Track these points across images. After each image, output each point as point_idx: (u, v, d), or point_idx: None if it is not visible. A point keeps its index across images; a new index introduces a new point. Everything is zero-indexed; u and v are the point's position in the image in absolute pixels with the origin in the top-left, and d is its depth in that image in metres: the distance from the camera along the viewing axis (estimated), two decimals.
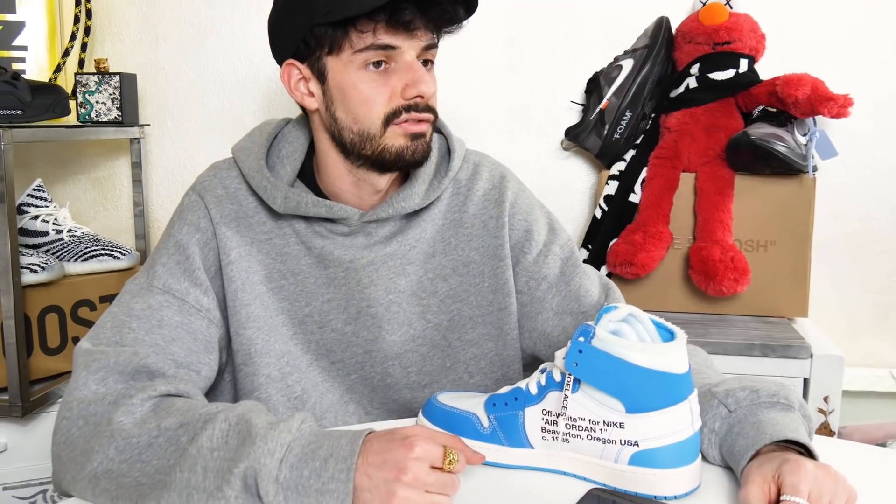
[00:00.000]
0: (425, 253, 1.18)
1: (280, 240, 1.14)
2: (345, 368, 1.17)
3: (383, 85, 1.05)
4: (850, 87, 1.72)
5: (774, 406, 0.91)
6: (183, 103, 2.05)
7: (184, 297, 1.08)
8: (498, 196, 1.21)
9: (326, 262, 1.14)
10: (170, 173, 2.07)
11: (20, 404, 1.53)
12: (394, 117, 1.06)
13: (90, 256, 1.74)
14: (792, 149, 1.66)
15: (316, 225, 1.14)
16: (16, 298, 1.50)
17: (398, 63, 1.05)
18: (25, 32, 1.81)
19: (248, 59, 2.02)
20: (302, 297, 1.14)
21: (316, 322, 1.15)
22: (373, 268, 1.15)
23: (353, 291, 1.14)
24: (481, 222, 1.20)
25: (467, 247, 1.19)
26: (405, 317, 1.16)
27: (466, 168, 1.23)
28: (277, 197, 1.11)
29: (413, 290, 1.17)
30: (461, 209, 1.20)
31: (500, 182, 1.22)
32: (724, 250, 1.69)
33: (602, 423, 0.86)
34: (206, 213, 1.13)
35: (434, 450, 0.83)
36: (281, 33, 1.10)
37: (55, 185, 2.08)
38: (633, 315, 0.88)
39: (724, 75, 1.77)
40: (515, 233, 1.20)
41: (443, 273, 1.18)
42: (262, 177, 1.12)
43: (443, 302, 1.18)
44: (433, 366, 1.18)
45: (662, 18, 1.85)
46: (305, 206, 1.10)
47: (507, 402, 0.94)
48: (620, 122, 1.83)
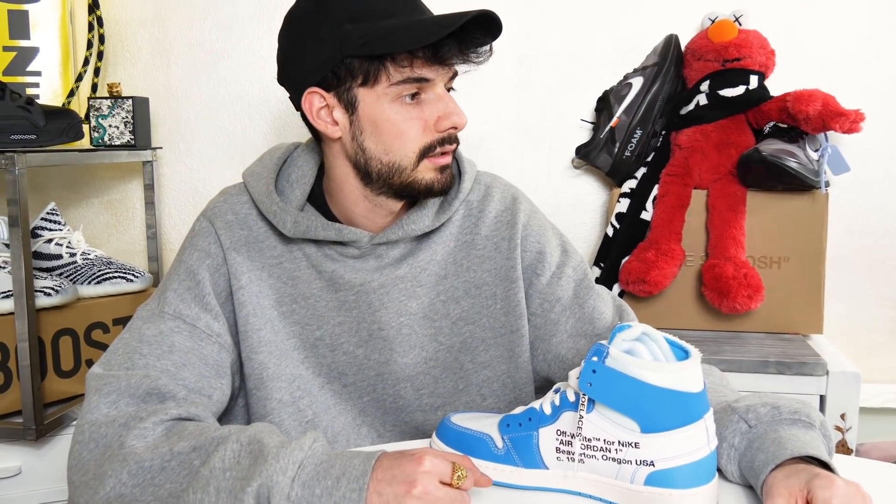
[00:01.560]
0: (437, 275, 1.17)
1: (290, 264, 1.14)
2: (357, 391, 1.16)
3: (417, 118, 1.06)
4: (862, 103, 1.71)
5: (795, 423, 0.91)
6: (195, 126, 2.06)
7: (194, 322, 1.08)
8: (510, 218, 1.20)
9: (337, 286, 1.14)
10: (182, 195, 2.08)
11: (34, 427, 1.53)
12: (428, 151, 1.07)
13: (103, 279, 1.74)
14: (804, 165, 1.66)
15: (326, 248, 1.14)
16: (30, 321, 1.50)
17: (429, 94, 1.06)
18: (39, 58, 1.83)
19: (258, 81, 2.03)
20: (313, 320, 1.14)
21: (328, 345, 1.15)
22: (384, 290, 1.14)
23: (365, 314, 1.14)
24: (493, 244, 1.19)
25: (479, 269, 1.19)
26: (417, 339, 1.16)
27: (478, 190, 1.23)
28: (287, 221, 1.11)
29: (425, 312, 1.16)
30: (473, 231, 1.20)
31: (511, 203, 1.22)
32: (738, 267, 1.68)
33: (617, 443, 0.85)
34: (217, 238, 1.14)
35: (443, 465, 0.83)
36: (299, 61, 1.09)
37: (69, 208, 2.09)
38: (647, 334, 0.87)
39: (735, 92, 1.76)
40: (528, 255, 1.20)
41: (454, 295, 1.18)
42: (272, 202, 1.12)
43: (455, 324, 1.17)
44: (446, 388, 1.18)
45: (672, 36, 1.86)
46: (315, 231, 1.11)
47: (521, 423, 0.93)
48: (631, 140, 1.83)
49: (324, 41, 1.05)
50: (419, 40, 0.99)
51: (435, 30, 0.99)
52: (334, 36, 1.04)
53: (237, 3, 2.00)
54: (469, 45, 1.04)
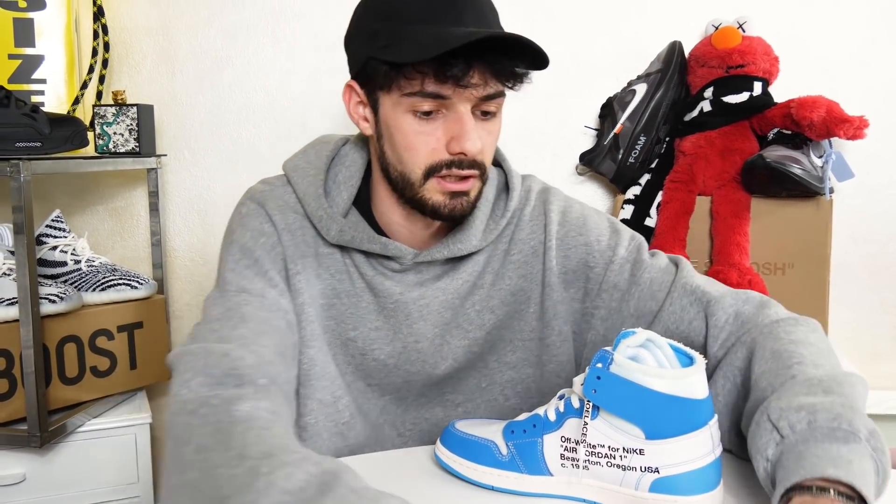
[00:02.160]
0: (474, 285, 1.15)
1: (339, 256, 1.11)
2: (380, 391, 1.15)
3: (429, 134, 1.01)
4: (866, 109, 1.71)
5: (832, 434, 0.76)
6: (199, 133, 2.06)
7: (262, 294, 1.03)
8: (543, 220, 1.16)
9: (377, 292, 1.12)
10: (187, 202, 2.08)
11: (38, 434, 1.54)
12: (435, 171, 1.02)
13: (108, 286, 1.75)
14: (808, 171, 1.66)
15: (371, 257, 1.11)
16: (34, 328, 1.51)
17: (450, 112, 1.00)
18: (44, 66, 1.84)
19: (263, 89, 2.04)
20: (351, 319, 1.12)
21: (359, 348, 1.12)
22: (423, 302, 1.12)
23: (402, 325, 1.12)
24: (530, 248, 1.16)
25: (515, 275, 1.15)
26: (450, 350, 1.14)
27: (520, 198, 1.19)
28: (332, 229, 1.08)
29: (459, 322, 1.14)
30: (511, 238, 1.16)
31: (542, 205, 1.17)
32: (742, 273, 1.68)
33: (622, 449, 0.85)
34: (269, 219, 1.09)
35: None
36: (348, 50, 1.07)
37: (73, 215, 2.10)
38: (652, 340, 0.87)
39: (738, 98, 1.77)
40: (574, 252, 1.14)
41: (490, 305, 1.15)
42: (319, 206, 1.09)
43: (489, 333, 1.15)
44: (468, 385, 1.16)
45: (675, 43, 1.86)
46: (359, 242, 1.08)
47: (525, 430, 0.93)
48: (635, 147, 1.83)
49: (361, 35, 1.03)
50: (421, 54, 0.94)
51: (435, 47, 0.93)
52: (366, 32, 1.02)
53: (242, 11, 2.01)
54: (493, 69, 0.98)
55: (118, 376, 1.75)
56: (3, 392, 1.57)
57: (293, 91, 2.03)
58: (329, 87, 2.02)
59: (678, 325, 1.06)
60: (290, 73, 2.02)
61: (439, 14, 0.96)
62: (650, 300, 1.09)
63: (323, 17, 1.98)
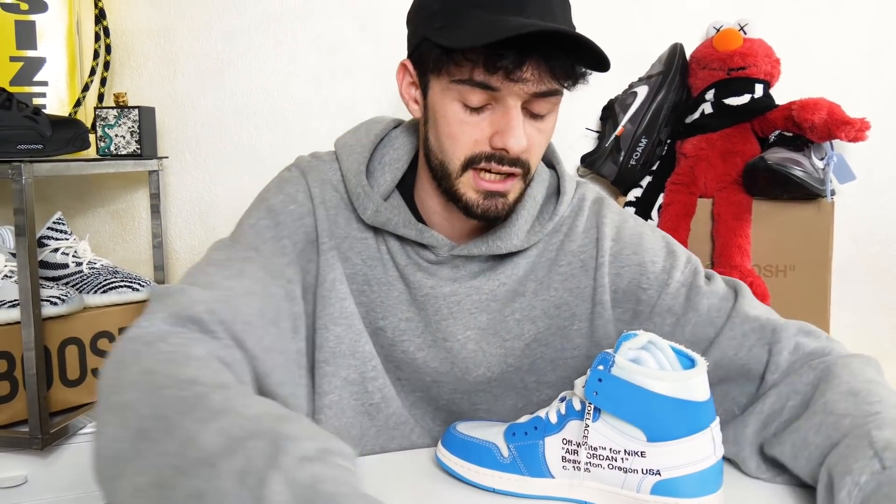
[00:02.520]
0: (515, 292, 1.10)
1: (373, 241, 1.09)
2: (410, 385, 1.13)
3: (475, 125, 0.97)
4: (867, 111, 1.71)
5: None
6: (201, 136, 2.07)
7: (269, 258, 1.02)
8: (596, 234, 1.10)
9: (409, 281, 1.09)
10: (188, 204, 2.09)
11: (40, 437, 1.53)
12: (474, 162, 0.98)
13: (109, 288, 1.75)
14: (809, 173, 1.66)
15: (406, 245, 1.09)
16: (36, 330, 1.51)
17: (499, 106, 0.96)
18: (46, 68, 1.84)
19: (265, 91, 2.04)
20: (380, 308, 1.09)
21: (388, 338, 1.10)
22: (455, 299, 1.08)
23: (432, 319, 1.09)
24: (580, 261, 1.10)
25: (561, 287, 1.10)
26: (484, 357, 1.10)
27: (572, 205, 1.14)
28: (368, 208, 1.05)
29: (496, 329, 1.10)
30: (559, 248, 1.11)
31: (596, 218, 1.12)
32: (743, 276, 1.68)
33: (623, 451, 0.85)
34: (307, 189, 1.07)
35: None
36: (408, 28, 1.03)
37: (75, 217, 2.10)
38: (653, 342, 0.87)
39: (740, 101, 1.77)
40: (627, 271, 1.08)
41: (531, 315, 1.10)
42: (359, 183, 1.06)
43: (528, 346, 1.10)
44: (504, 406, 1.13)
45: (676, 45, 1.86)
46: (395, 225, 1.05)
47: (526, 432, 0.93)
48: (636, 149, 1.83)
49: (420, 13, 1.00)
50: (471, 40, 0.89)
51: (486, 35, 0.88)
52: (425, 11, 0.98)
53: (243, 13, 2.01)
54: (546, 64, 0.93)
55: None
56: (5, 394, 1.57)
57: (295, 93, 2.03)
58: (330, 89, 2.02)
59: (737, 351, 1.01)
60: (291, 76, 2.02)
61: (501, 1, 0.92)
62: (708, 326, 1.04)
63: (324, 19, 1.99)
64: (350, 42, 2.00)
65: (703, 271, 1.10)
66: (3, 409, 1.57)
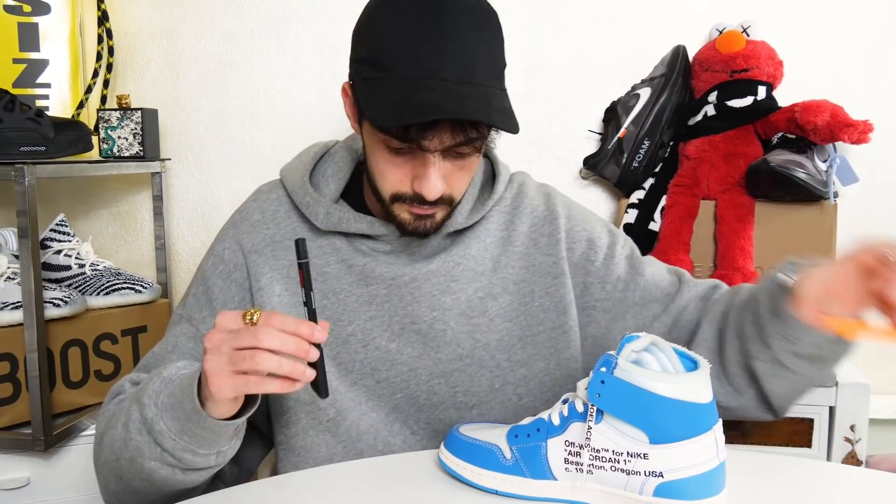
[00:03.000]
0: (473, 271, 1.17)
1: (320, 259, 1.15)
2: (390, 387, 1.15)
3: (398, 167, 1.03)
4: (870, 113, 1.71)
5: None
6: (203, 137, 2.07)
7: (198, 326, 1.13)
8: (548, 213, 1.21)
9: (368, 280, 1.14)
10: (190, 206, 2.09)
11: (42, 438, 1.54)
12: (399, 199, 1.06)
13: (112, 290, 1.75)
14: (812, 175, 1.66)
15: (357, 242, 1.15)
16: (39, 332, 1.51)
17: (418, 152, 1.01)
18: (49, 70, 1.84)
19: (267, 93, 2.04)
20: (344, 316, 1.14)
21: (360, 341, 1.14)
22: (415, 284, 1.14)
23: (396, 308, 1.14)
24: (532, 240, 1.20)
25: (517, 265, 1.18)
26: (453, 335, 1.15)
27: (511, 188, 1.24)
28: (320, 213, 1.13)
29: (462, 308, 1.15)
30: (509, 227, 1.20)
31: (547, 199, 1.23)
32: (746, 278, 1.67)
33: (626, 453, 0.85)
34: (236, 242, 1.16)
35: (231, 314, 0.88)
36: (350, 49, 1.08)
37: (77, 219, 2.10)
38: (656, 344, 0.87)
39: (743, 103, 1.76)
40: (578, 245, 1.20)
41: (492, 292, 1.17)
42: (305, 192, 1.14)
43: (492, 321, 1.16)
44: (481, 387, 1.16)
45: (679, 47, 1.86)
46: (347, 223, 1.12)
47: (529, 434, 0.93)
48: (639, 151, 1.83)
49: (354, 51, 1.05)
50: (381, 119, 0.97)
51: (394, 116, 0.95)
52: (357, 52, 1.04)
53: (245, 15, 2.01)
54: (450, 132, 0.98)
55: None
56: (8, 396, 1.57)
57: (297, 95, 2.03)
58: (333, 91, 2.02)
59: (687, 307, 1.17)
60: (293, 78, 2.03)
61: (418, 58, 0.96)
62: (655, 289, 1.18)
63: (327, 21, 1.99)
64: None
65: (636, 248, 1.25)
66: (5, 411, 1.57)
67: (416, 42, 0.96)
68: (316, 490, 0.97)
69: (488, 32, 1.01)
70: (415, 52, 0.96)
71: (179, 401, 0.91)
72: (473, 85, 0.98)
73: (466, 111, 0.95)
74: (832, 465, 1.16)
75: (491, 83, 1.01)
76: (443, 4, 0.97)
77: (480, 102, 0.96)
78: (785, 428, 1.58)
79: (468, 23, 0.98)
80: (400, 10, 0.98)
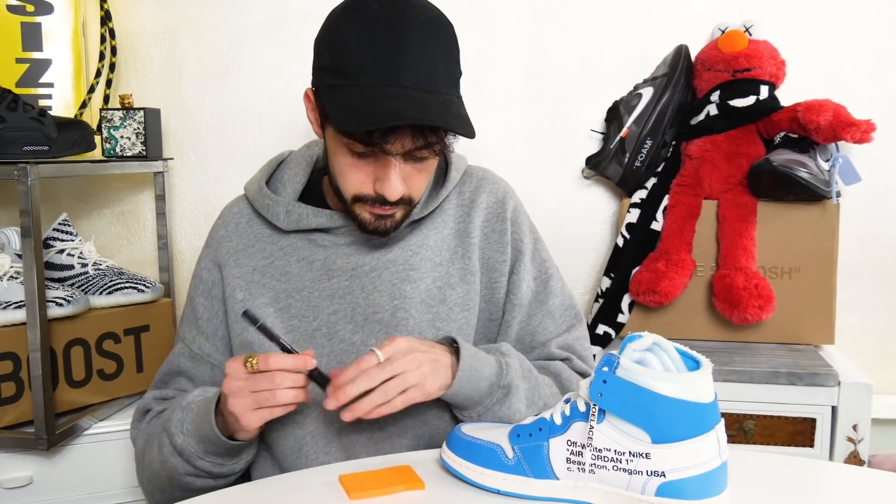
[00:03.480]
0: (432, 261, 1.21)
1: (281, 261, 1.20)
2: None
3: (360, 169, 1.09)
4: (872, 113, 1.71)
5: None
6: (206, 137, 2.07)
7: (190, 345, 1.24)
8: (500, 211, 1.26)
9: (330, 273, 1.18)
10: (193, 206, 2.09)
11: (45, 437, 1.54)
12: (361, 200, 1.11)
13: (115, 289, 1.75)
14: (815, 175, 1.66)
15: (318, 238, 1.20)
16: (42, 331, 1.51)
17: (380, 155, 1.06)
18: (52, 70, 1.84)
19: (269, 92, 2.04)
20: (309, 311, 1.18)
21: (325, 335, 1.18)
22: (375, 274, 1.19)
23: (358, 299, 1.18)
24: (484, 234, 1.25)
25: (473, 257, 1.23)
26: (415, 324, 1.18)
27: (470, 182, 1.28)
28: (280, 212, 1.19)
29: (422, 297, 1.19)
30: (466, 220, 1.25)
31: (503, 197, 1.27)
32: (748, 277, 1.67)
33: (628, 453, 0.85)
34: (210, 260, 1.25)
35: (237, 364, 1.01)
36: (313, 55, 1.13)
37: (80, 218, 2.10)
38: (658, 344, 0.87)
39: (745, 102, 1.76)
40: (511, 251, 1.25)
41: (450, 281, 1.21)
42: (264, 196, 1.20)
43: (451, 310, 1.21)
44: None
45: (682, 46, 1.86)
46: (307, 218, 1.17)
47: (531, 433, 0.93)
48: (641, 150, 1.83)
49: (318, 57, 1.10)
50: (343, 124, 1.01)
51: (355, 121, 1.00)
52: (320, 59, 1.09)
53: (248, 15, 2.02)
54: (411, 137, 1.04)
55: (125, 379, 1.75)
56: (11, 395, 1.58)
57: (299, 95, 2.03)
58: None
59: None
60: (296, 77, 2.03)
61: (381, 67, 1.01)
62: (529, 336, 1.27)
63: None
64: None
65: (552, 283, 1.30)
66: (8, 410, 1.58)
67: (378, 52, 1.01)
68: (317, 489, 0.97)
69: (446, 44, 1.07)
70: (377, 62, 1.01)
71: (201, 427, 1.05)
72: (433, 93, 1.03)
73: (427, 117, 1.00)
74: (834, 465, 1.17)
75: (449, 91, 1.06)
76: (405, 17, 1.02)
77: (439, 110, 1.02)
78: (787, 428, 1.58)
79: (428, 35, 1.03)
80: (363, 23, 1.02)
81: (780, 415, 1.58)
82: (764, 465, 1.03)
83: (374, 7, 1.03)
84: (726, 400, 1.57)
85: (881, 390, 1.86)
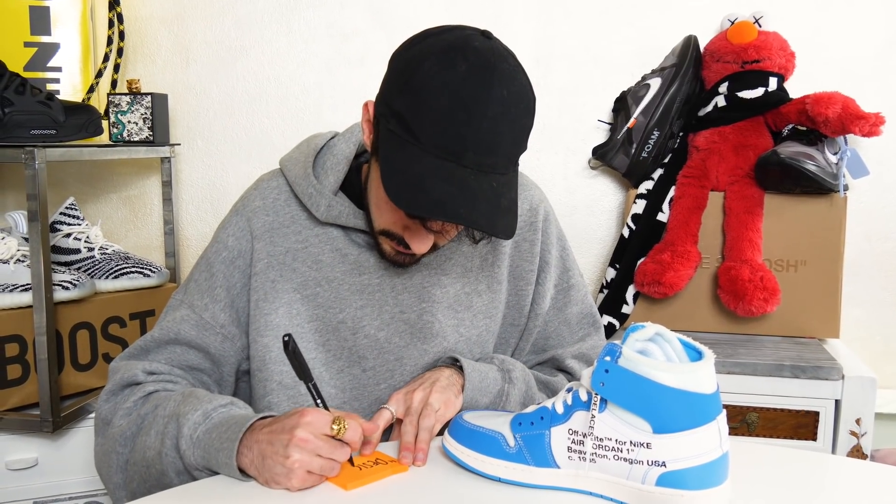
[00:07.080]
0: (463, 266, 1.21)
1: (316, 248, 1.17)
2: (375, 377, 1.17)
3: (395, 212, 1.04)
4: (882, 106, 1.70)
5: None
6: (213, 123, 2.07)
7: (202, 313, 1.15)
8: (533, 219, 1.25)
9: (361, 269, 1.17)
10: (199, 191, 2.09)
11: (51, 420, 1.55)
12: (387, 235, 1.08)
13: (121, 274, 1.76)
14: (822, 168, 1.65)
15: (353, 234, 1.17)
16: (48, 315, 1.52)
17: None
18: (60, 54, 1.84)
19: (276, 79, 2.04)
20: (336, 303, 1.16)
21: (349, 328, 1.16)
22: (407, 275, 1.18)
23: (387, 297, 1.17)
24: (515, 243, 1.25)
25: (502, 265, 1.23)
26: (440, 328, 1.18)
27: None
28: (321, 204, 1.14)
29: (449, 302, 1.20)
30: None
31: (536, 206, 1.26)
32: (754, 270, 1.67)
33: (629, 443, 0.85)
34: (239, 230, 1.17)
35: (322, 418, 0.93)
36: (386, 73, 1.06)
37: (87, 203, 2.11)
38: (661, 334, 0.87)
39: (753, 94, 1.76)
40: (539, 261, 1.26)
41: (478, 288, 1.22)
42: (309, 184, 1.15)
43: (475, 317, 1.21)
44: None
45: (691, 37, 1.85)
46: (346, 217, 1.14)
47: (533, 422, 0.93)
48: (648, 141, 1.82)
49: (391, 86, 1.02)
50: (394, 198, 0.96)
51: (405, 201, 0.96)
52: (391, 91, 1.01)
53: (256, 1, 2.01)
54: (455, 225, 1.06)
55: None
56: (17, 377, 1.59)
57: (307, 81, 2.03)
58: (342, 78, 2.02)
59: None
60: (303, 64, 2.03)
61: (448, 142, 0.95)
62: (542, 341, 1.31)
63: (337, 7, 1.99)
64: (362, 30, 2.00)
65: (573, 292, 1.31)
66: (14, 393, 1.59)
67: (450, 122, 0.95)
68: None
69: (521, 123, 1.00)
70: (445, 135, 0.95)
71: (215, 447, 0.96)
72: (489, 175, 0.97)
73: (472, 218, 0.96)
74: (837, 459, 1.17)
75: (506, 168, 1.00)
76: (489, 89, 0.95)
77: (487, 206, 0.97)
78: (790, 421, 1.58)
79: (507, 113, 0.97)
80: (446, 83, 0.95)
81: (783, 408, 1.58)
82: (766, 457, 1.03)
83: (462, 68, 0.95)
84: (730, 392, 1.57)
85: (885, 384, 1.86)
